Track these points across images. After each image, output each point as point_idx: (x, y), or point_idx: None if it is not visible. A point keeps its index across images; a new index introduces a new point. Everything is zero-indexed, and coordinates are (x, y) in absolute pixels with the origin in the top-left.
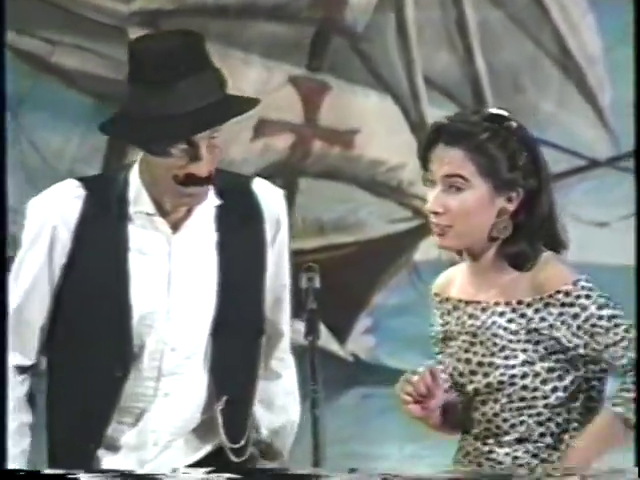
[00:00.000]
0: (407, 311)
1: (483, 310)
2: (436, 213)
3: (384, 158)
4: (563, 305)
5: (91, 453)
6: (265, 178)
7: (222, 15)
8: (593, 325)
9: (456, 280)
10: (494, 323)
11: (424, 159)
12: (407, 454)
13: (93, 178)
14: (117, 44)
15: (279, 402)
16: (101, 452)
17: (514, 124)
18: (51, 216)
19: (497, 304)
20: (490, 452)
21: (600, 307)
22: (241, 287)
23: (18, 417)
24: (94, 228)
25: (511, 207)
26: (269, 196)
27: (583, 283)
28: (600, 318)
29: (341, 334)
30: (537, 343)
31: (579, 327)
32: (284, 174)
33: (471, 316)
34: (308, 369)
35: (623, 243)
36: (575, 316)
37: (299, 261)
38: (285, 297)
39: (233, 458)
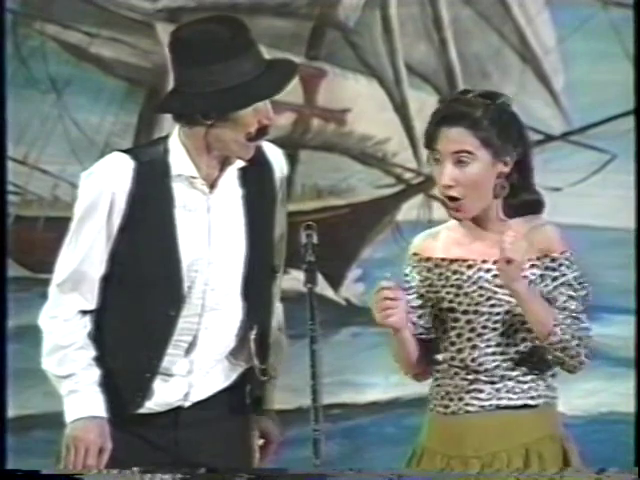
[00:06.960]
0: (391, 263)
1: (469, 267)
2: (449, 187)
3: (372, 133)
4: (547, 269)
5: (147, 381)
6: None
7: (234, 12)
8: (563, 286)
9: (438, 241)
10: (480, 278)
11: (429, 140)
12: (392, 383)
13: (136, 149)
14: (145, 37)
15: (276, 330)
16: (156, 381)
17: (503, 100)
18: (109, 184)
19: (484, 262)
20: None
21: (575, 277)
22: (261, 232)
23: (86, 353)
24: (145, 191)
25: (506, 169)
26: (276, 155)
27: (565, 256)
28: (567, 282)
29: (335, 282)
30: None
31: (554, 288)
32: (287, 147)
33: (455, 272)
34: (308, 312)
35: (573, 206)
36: (554, 279)
37: (299, 220)
38: (284, 239)
39: (261, 377)
